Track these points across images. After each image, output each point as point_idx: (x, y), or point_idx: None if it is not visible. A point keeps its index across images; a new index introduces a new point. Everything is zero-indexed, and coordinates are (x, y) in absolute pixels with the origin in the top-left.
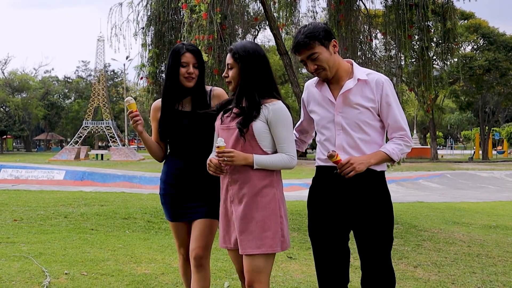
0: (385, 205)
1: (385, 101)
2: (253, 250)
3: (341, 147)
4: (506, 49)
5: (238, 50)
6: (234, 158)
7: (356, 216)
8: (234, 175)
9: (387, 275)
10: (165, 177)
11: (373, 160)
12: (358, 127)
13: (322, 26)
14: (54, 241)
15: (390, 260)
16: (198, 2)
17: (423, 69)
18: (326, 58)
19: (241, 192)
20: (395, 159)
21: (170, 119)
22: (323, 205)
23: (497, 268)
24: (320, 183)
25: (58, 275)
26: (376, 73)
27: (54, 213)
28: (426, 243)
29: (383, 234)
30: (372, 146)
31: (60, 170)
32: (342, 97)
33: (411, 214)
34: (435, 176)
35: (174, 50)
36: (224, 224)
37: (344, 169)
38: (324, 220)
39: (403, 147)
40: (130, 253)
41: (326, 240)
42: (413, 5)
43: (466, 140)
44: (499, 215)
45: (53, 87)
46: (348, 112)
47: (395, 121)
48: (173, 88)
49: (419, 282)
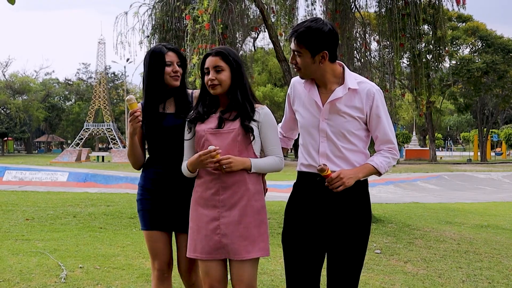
0: (363, 222)
1: (375, 113)
2: (256, 253)
3: (324, 155)
4: (503, 51)
5: (228, 54)
6: (232, 164)
7: (332, 235)
8: (228, 180)
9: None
10: (143, 183)
11: (361, 174)
12: (343, 136)
13: (323, 33)
14: (66, 239)
15: (357, 282)
16: (201, 13)
17: (415, 76)
18: (305, 62)
19: (235, 197)
20: (381, 172)
21: (153, 121)
22: (301, 215)
23: (482, 263)
24: (300, 190)
25: (73, 269)
26: (367, 82)
27: (63, 213)
28: (418, 241)
29: (355, 257)
30: (357, 154)
31: (63, 172)
32: (330, 104)
33: (405, 214)
34: (433, 177)
35: (155, 51)
36: (195, 231)
37: (334, 183)
38: (300, 230)
39: (390, 160)
40: (138, 250)
41: (299, 249)
42: (405, 15)
43: (465, 142)
44: (492, 215)
45: (54, 89)
46: (334, 120)
47: (384, 134)
48: (157, 88)
49: (407, 276)
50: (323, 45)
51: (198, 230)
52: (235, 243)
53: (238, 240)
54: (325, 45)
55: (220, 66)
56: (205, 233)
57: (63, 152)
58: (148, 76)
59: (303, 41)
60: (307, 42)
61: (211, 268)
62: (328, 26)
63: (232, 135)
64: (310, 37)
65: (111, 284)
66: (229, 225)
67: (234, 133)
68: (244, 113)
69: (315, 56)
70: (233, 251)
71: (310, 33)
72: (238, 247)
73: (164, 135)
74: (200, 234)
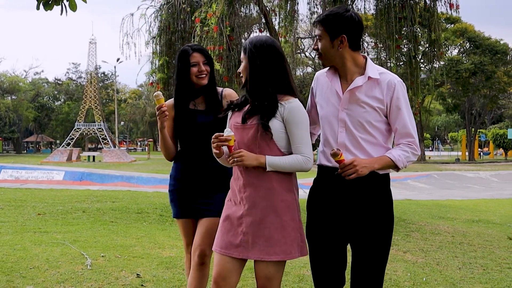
0: (386, 217)
1: (395, 104)
2: (270, 256)
3: (343, 146)
4: (491, 52)
5: (247, 44)
6: (243, 158)
7: (355, 229)
8: (250, 177)
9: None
10: (175, 174)
11: (377, 165)
12: (362, 126)
13: (344, 17)
14: (82, 231)
15: (383, 278)
16: (210, 16)
17: (411, 76)
18: (324, 47)
19: (257, 195)
20: (400, 167)
21: (184, 117)
22: (322, 210)
23: (476, 253)
24: (321, 185)
25: (96, 257)
26: (389, 73)
27: (72, 208)
28: (414, 233)
29: (380, 252)
30: (378, 148)
31: (59, 170)
32: (350, 93)
33: (400, 209)
34: (423, 176)
35: (181, 52)
36: (224, 227)
37: (346, 170)
38: (323, 225)
39: (409, 154)
40: (153, 241)
41: (324, 244)
42: (402, 18)
43: (453, 142)
44: (482, 211)
45: (43, 89)
46: (353, 109)
47: (404, 126)
48: (184, 88)
49: (408, 263)
50: (342, 29)
51: (223, 225)
52: (256, 243)
53: (259, 241)
54: (343, 29)
55: (241, 57)
56: (229, 228)
57: (54, 152)
58: (177, 76)
59: (324, 24)
60: (327, 25)
61: (222, 264)
62: (350, 12)
63: (252, 131)
64: (330, 21)
65: (134, 271)
66: (251, 224)
67: (254, 129)
68: (263, 108)
69: (334, 40)
70: (252, 251)
71: (330, 17)
72: (258, 247)
73: (195, 131)
74: (224, 228)
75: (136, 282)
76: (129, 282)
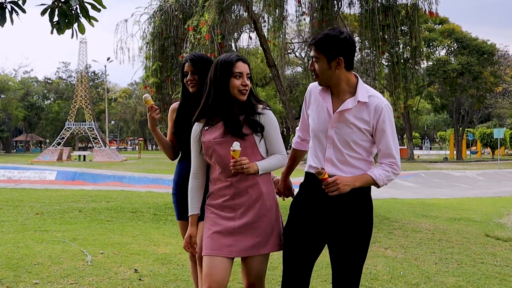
0: (365, 222)
1: (381, 127)
2: (268, 249)
3: (330, 160)
4: (478, 53)
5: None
6: (249, 166)
7: (334, 231)
8: (241, 185)
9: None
10: (176, 178)
11: (358, 183)
12: (348, 145)
13: (339, 40)
14: (80, 230)
15: (360, 278)
16: (203, 25)
17: (395, 80)
18: (322, 68)
19: (250, 199)
20: (380, 185)
21: (185, 121)
22: (305, 210)
23: (453, 249)
24: (306, 189)
25: (95, 254)
26: (378, 96)
27: (68, 208)
28: (397, 231)
29: (357, 254)
30: (361, 162)
31: (51, 170)
32: (339, 114)
33: (385, 208)
34: (411, 175)
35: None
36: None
37: (329, 187)
38: (303, 223)
39: (390, 174)
40: (148, 238)
41: (297, 240)
42: (385, 26)
43: (442, 141)
44: (464, 209)
45: (33, 88)
46: (341, 128)
47: (387, 148)
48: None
49: (388, 259)
50: (339, 51)
51: (210, 229)
52: (249, 240)
53: (252, 238)
54: (340, 51)
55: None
56: (218, 230)
57: (44, 151)
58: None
59: (320, 47)
60: (324, 48)
61: (215, 266)
62: (344, 34)
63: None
64: (327, 43)
65: (132, 266)
66: (245, 225)
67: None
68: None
69: (331, 62)
70: (245, 248)
71: (327, 40)
72: (251, 244)
73: None
74: (212, 232)
75: (134, 276)
76: (127, 277)
